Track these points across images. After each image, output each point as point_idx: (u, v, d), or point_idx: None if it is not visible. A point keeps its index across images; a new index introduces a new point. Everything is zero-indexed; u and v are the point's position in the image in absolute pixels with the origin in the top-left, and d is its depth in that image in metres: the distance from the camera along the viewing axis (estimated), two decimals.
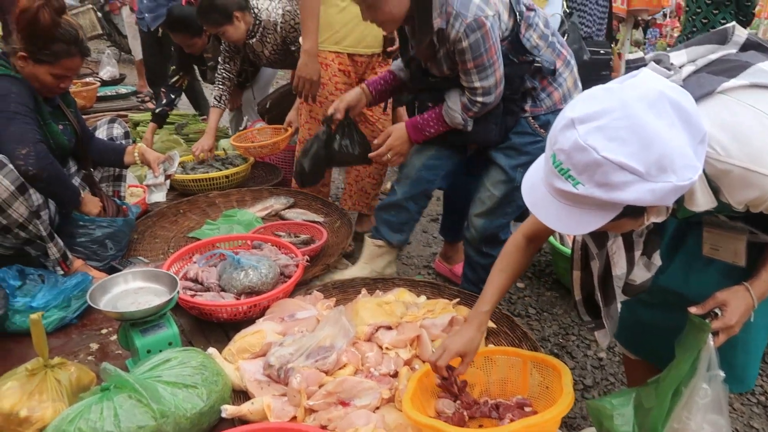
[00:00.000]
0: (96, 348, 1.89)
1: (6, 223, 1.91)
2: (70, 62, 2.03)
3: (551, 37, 1.97)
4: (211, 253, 2.17)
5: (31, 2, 1.91)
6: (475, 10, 1.76)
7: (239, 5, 2.92)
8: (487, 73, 1.85)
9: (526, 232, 1.47)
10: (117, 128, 2.59)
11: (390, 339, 1.72)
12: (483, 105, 1.94)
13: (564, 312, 2.67)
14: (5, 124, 1.89)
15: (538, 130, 2.00)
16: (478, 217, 2.18)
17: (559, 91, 1.99)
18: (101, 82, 6.08)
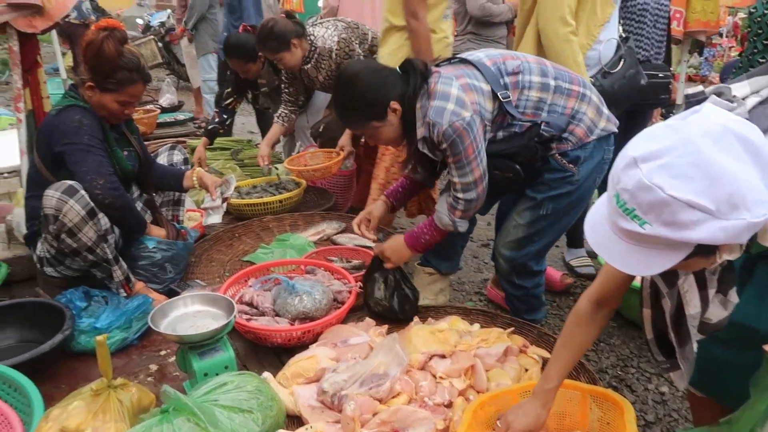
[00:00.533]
0: (155, 369, 1.94)
1: (76, 246, 2.00)
2: (133, 89, 2.13)
3: (554, 82, 1.93)
4: (266, 278, 2.21)
5: (96, 34, 2.02)
6: (449, 117, 1.78)
7: (297, 33, 3.02)
8: (465, 170, 1.87)
9: (592, 296, 1.37)
10: (177, 155, 2.69)
11: (444, 368, 1.70)
12: (466, 202, 1.94)
13: (622, 343, 2.58)
14: (82, 156, 2.01)
15: (567, 165, 1.97)
16: (504, 247, 2.16)
17: (581, 126, 1.94)
18: (161, 108, 6.33)
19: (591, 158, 1.97)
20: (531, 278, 2.18)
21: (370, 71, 1.91)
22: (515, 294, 2.23)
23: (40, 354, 1.77)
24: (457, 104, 1.79)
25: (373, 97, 1.87)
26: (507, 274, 2.19)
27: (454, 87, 1.81)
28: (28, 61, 2.51)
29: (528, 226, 2.07)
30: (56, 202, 1.94)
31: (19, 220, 2.53)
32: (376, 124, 1.91)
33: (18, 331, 2.04)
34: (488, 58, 1.93)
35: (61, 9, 2.41)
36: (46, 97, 2.66)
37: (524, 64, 1.92)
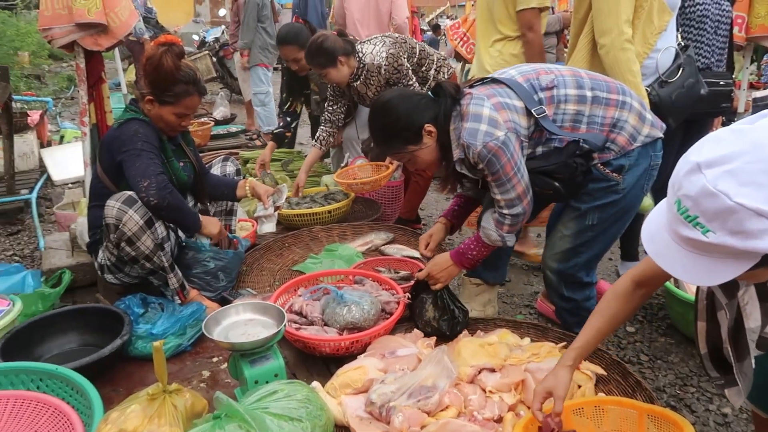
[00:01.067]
0: (207, 375, 1.99)
1: (135, 254, 2.08)
2: (190, 101, 2.21)
3: (590, 93, 1.89)
4: (316, 288, 2.23)
5: (156, 50, 2.11)
6: (482, 138, 1.78)
7: (345, 51, 3.06)
8: (506, 187, 1.86)
9: (635, 276, 1.39)
10: (230, 166, 2.76)
11: (494, 382, 1.67)
12: (512, 217, 1.93)
13: (681, 360, 2.48)
14: (133, 161, 2.08)
15: (611, 174, 1.93)
16: (551, 259, 2.12)
17: (622, 134, 1.90)
18: (215, 121, 6.52)
19: (636, 166, 1.93)
20: (581, 290, 2.13)
21: (402, 97, 1.94)
22: (565, 307, 2.18)
23: (100, 358, 1.84)
24: (489, 125, 1.78)
25: (406, 121, 1.89)
26: (555, 287, 2.15)
27: (486, 107, 1.81)
28: (93, 77, 2.64)
29: (574, 237, 2.04)
30: (116, 211, 2.02)
31: (82, 228, 2.65)
32: (412, 148, 1.92)
33: (80, 336, 2.13)
34: (521, 74, 1.92)
35: (125, 28, 2.53)
36: (109, 111, 2.79)
37: (558, 78, 1.89)
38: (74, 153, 4.84)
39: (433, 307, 2.08)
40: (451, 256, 2.10)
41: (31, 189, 4.36)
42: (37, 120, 5.32)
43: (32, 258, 3.55)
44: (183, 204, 2.21)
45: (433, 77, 3.33)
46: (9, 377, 1.73)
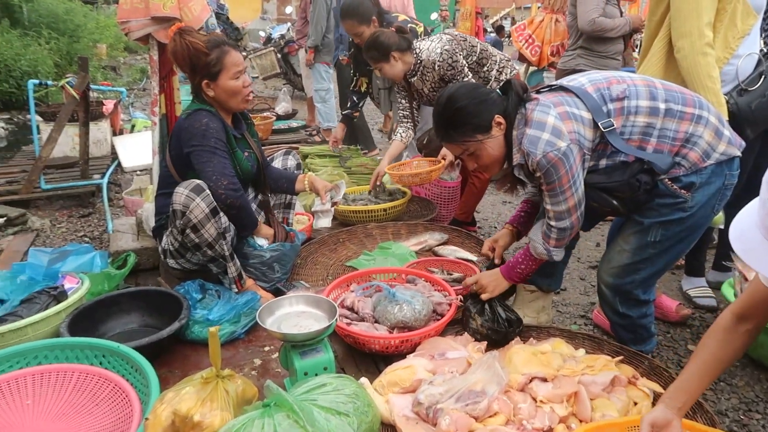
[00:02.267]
0: (259, 364, 2.03)
1: (198, 241, 2.15)
2: (231, 57, 2.22)
3: (664, 105, 1.79)
4: (368, 284, 2.24)
5: (173, 42, 2.17)
6: (543, 147, 1.73)
7: (399, 46, 3.07)
8: (559, 199, 1.82)
9: (736, 309, 1.27)
10: (291, 160, 2.81)
11: (545, 392, 1.63)
12: (559, 230, 1.89)
13: (746, 384, 2.35)
14: (209, 157, 2.16)
15: (679, 191, 1.83)
16: (607, 273, 2.04)
17: (695, 150, 1.79)
18: (276, 116, 6.66)
19: (708, 184, 1.82)
20: (637, 308, 2.04)
21: (471, 87, 1.91)
22: (620, 323, 2.10)
23: (159, 339, 1.91)
24: (552, 134, 1.73)
25: (478, 108, 1.85)
26: (610, 302, 2.07)
27: (551, 115, 1.75)
28: (165, 69, 2.74)
29: (634, 253, 1.95)
30: (184, 198, 2.09)
31: (148, 214, 2.76)
32: (480, 137, 1.87)
33: (140, 316, 2.21)
34: (591, 83, 1.85)
35: (197, 22, 2.61)
36: (178, 102, 2.89)
37: (631, 89, 1.81)
38: (144, 141, 5.06)
39: (479, 315, 2.05)
40: (501, 270, 2.10)
41: (102, 174, 4.59)
42: (111, 109, 5.59)
43: (101, 240, 3.72)
44: (249, 207, 2.33)
45: (495, 78, 3.29)
46: (75, 351, 1.82)
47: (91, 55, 11.38)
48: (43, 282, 2.17)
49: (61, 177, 4.55)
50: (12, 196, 4.12)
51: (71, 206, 4.31)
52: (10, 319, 1.93)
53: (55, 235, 3.81)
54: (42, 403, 1.66)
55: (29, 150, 5.40)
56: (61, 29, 10.44)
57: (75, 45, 10.44)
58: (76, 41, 10.67)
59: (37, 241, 3.67)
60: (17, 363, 1.77)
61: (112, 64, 12.30)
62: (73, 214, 4.21)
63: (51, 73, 8.64)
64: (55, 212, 4.21)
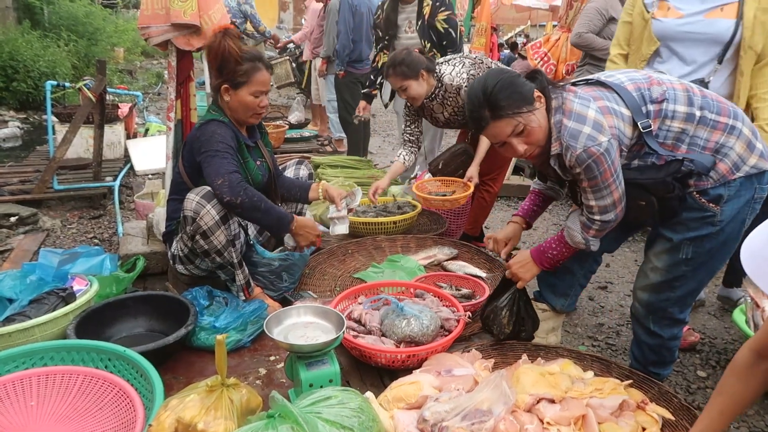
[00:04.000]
0: (264, 373, 2.02)
1: (207, 248, 2.15)
2: (260, 76, 2.24)
3: (699, 113, 1.76)
4: (376, 297, 2.23)
5: (214, 38, 2.18)
6: (584, 141, 1.69)
7: (427, 67, 3.07)
8: (603, 194, 1.78)
9: (755, 345, 1.23)
10: (303, 169, 2.81)
11: (553, 413, 1.60)
12: (603, 223, 1.85)
13: (756, 413, 2.31)
14: (210, 161, 2.14)
15: (707, 204, 1.80)
16: (642, 290, 2.02)
17: (725, 161, 1.76)
18: (289, 125, 6.69)
19: (737, 197, 1.79)
20: (669, 327, 2.01)
21: (499, 71, 1.84)
22: (648, 342, 2.05)
23: (165, 345, 1.90)
24: (594, 128, 1.69)
25: (515, 84, 1.76)
26: (642, 319, 2.04)
27: (592, 109, 1.71)
28: (182, 75, 2.76)
29: (666, 271, 1.92)
30: (195, 205, 2.09)
31: (158, 218, 2.77)
32: (527, 108, 1.74)
33: (147, 321, 2.21)
34: (631, 82, 1.81)
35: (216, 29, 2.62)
36: (194, 108, 2.90)
37: (670, 92, 1.78)
38: (157, 146, 5.10)
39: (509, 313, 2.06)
40: (531, 253, 2.05)
41: (115, 177, 4.63)
42: (126, 112, 5.64)
43: (110, 242, 3.74)
44: (261, 203, 2.16)
45: None
46: (81, 354, 1.82)
47: (109, 58, 11.52)
48: (53, 283, 2.17)
49: (73, 178, 4.59)
50: (24, 195, 4.16)
51: (82, 207, 4.34)
52: (18, 318, 1.94)
53: (65, 235, 3.84)
54: (46, 404, 1.66)
55: (44, 150, 5.46)
56: (81, 32, 10.60)
57: (93, 48, 10.59)
58: (94, 44, 10.82)
59: (47, 241, 3.69)
60: (23, 363, 1.77)
61: (128, 68, 12.46)
62: (84, 215, 4.23)
63: (69, 75, 8.76)
64: (66, 213, 4.24)
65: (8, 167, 4.99)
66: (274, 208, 2.24)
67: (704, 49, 2.42)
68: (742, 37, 2.36)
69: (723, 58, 2.40)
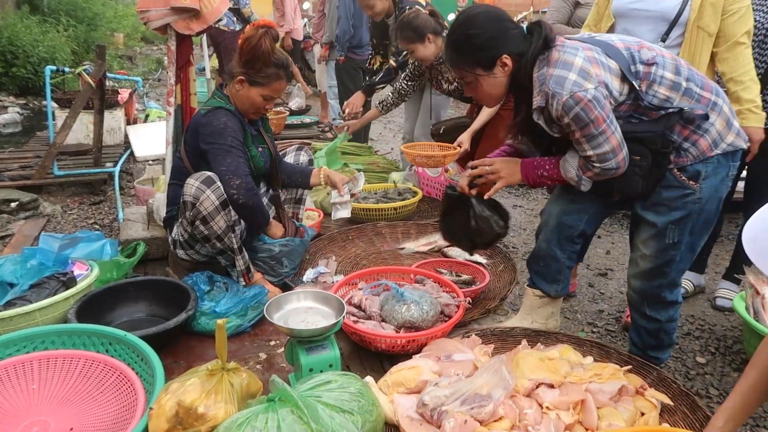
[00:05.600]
0: (264, 358, 2.02)
1: (207, 233, 2.15)
2: (278, 84, 2.26)
3: (685, 83, 1.75)
4: (377, 283, 2.23)
5: (255, 32, 2.16)
6: (570, 87, 1.64)
7: (434, 30, 3.09)
8: (599, 140, 1.72)
9: None
10: (303, 155, 2.80)
11: (552, 398, 1.61)
12: (603, 170, 1.79)
13: None
14: (224, 156, 2.16)
15: (687, 182, 1.80)
16: (634, 278, 2.02)
17: (705, 137, 1.77)
18: (290, 111, 6.66)
19: (714, 175, 1.80)
20: (665, 310, 2.02)
21: (494, 17, 1.78)
22: (646, 327, 2.07)
23: (166, 329, 1.91)
24: (579, 75, 1.66)
25: (484, 42, 1.74)
26: (638, 305, 2.05)
27: (579, 57, 1.68)
28: (182, 59, 2.74)
29: (656, 257, 1.93)
30: (195, 190, 2.09)
31: (159, 204, 2.76)
32: (480, 72, 1.78)
33: (148, 306, 2.22)
34: (621, 41, 1.80)
35: (215, 14, 2.61)
36: (194, 93, 2.89)
37: (659, 58, 1.77)
38: (157, 131, 5.08)
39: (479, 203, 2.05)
40: (522, 164, 1.99)
41: (115, 163, 4.61)
42: (126, 98, 5.61)
43: (111, 228, 3.74)
44: (263, 206, 2.31)
45: None
46: (82, 338, 1.83)
47: (109, 43, 11.46)
48: (53, 267, 2.17)
49: (74, 164, 4.58)
50: (25, 181, 4.15)
51: (83, 193, 4.34)
52: (18, 303, 1.94)
53: (65, 221, 3.84)
54: (47, 388, 1.67)
55: (44, 136, 5.44)
56: (80, 17, 10.53)
57: (93, 33, 10.53)
58: (93, 29, 10.75)
59: (47, 226, 3.69)
60: (24, 347, 1.78)
61: (128, 53, 12.39)
62: (84, 201, 4.23)
63: (68, 60, 8.71)
64: (66, 199, 4.23)
65: (8, 153, 4.98)
66: (265, 211, 2.36)
67: (651, 27, 2.43)
68: (688, 18, 2.36)
69: (667, 36, 2.41)
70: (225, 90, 2.31)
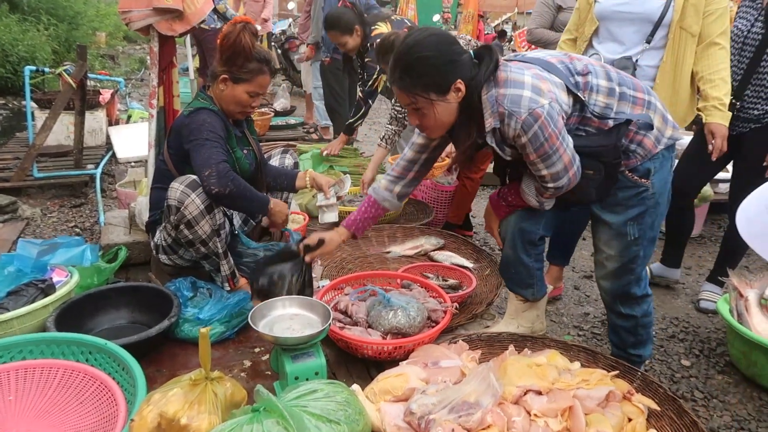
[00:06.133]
0: (248, 365, 1.99)
1: (192, 237, 2.11)
2: (262, 79, 2.23)
3: (618, 88, 1.79)
4: (363, 288, 2.21)
5: (233, 27, 2.14)
6: (528, 104, 1.64)
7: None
8: (552, 160, 1.72)
9: None
10: (288, 158, 2.77)
11: (540, 405, 1.60)
12: (556, 189, 1.82)
13: (739, 402, 2.33)
14: (198, 151, 2.10)
15: (640, 180, 1.86)
16: (603, 279, 2.07)
17: (648, 136, 1.81)
18: (274, 112, 6.61)
19: (662, 168, 1.87)
20: (638, 305, 2.06)
21: (445, 40, 1.70)
22: (623, 325, 2.10)
23: (148, 337, 1.87)
24: (533, 91, 1.65)
25: (440, 66, 1.66)
26: (612, 305, 2.10)
27: (527, 75, 1.69)
28: (164, 61, 2.69)
29: (621, 255, 1.97)
30: (179, 194, 2.05)
31: (141, 208, 2.71)
32: (434, 97, 1.69)
33: (130, 312, 2.17)
34: (551, 56, 1.82)
35: (199, 14, 2.57)
36: (177, 95, 2.84)
37: (590, 66, 1.80)
38: (139, 133, 5.01)
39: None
40: (490, 201, 2.10)
41: (96, 164, 4.54)
42: (108, 98, 5.52)
43: (92, 231, 3.67)
44: (247, 191, 2.17)
45: None
46: (61, 347, 1.78)
47: (90, 43, 11.30)
48: (32, 274, 2.12)
49: (54, 165, 4.50)
50: (3, 183, 4.07)
51: (63, 196, 4.26)
52: None
53: (45, 224, 3.76)
54: (25, 399, 1.62)
55: (23, 137, 5.34)
56: (61, 16, 10.37)
57: (74, 32, 10.38)
58: (75, 28, 10.60)
59: (27, 230, 3.62)
60: (1, 357, 1.73)
61: (110, 53, 12.22)
62: (64, 204, 4.15)
63: (49, 60, 8.57)
64: (46, 201, 4.15)
65: None
66: (257, 194, 2.25)
67: (636, 28, 2.48)
68: (671, 19, 2.41)
69: (652, 38, 2.45)
70: (209, 91, 2.28)
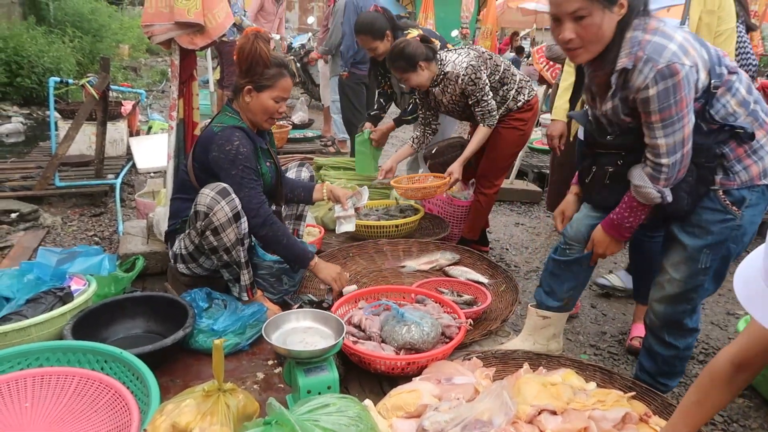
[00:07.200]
0: (261, 378, 1.99)
1: (216, 245, 2.13)
2: (284, 82, 2.26)
3: (753, 105, 1.72)
4: (377, 303, 2.20)
5: (247, 38, 2.18)
6: (669, 56, 1.56)
7: (426, 56, 3.07)
8: (675, 128, 1.63)
9: (734, 358, 1.22)
10: (305, 171, 2.79)
11: (554, 425, 1.58)
12: (670, 167, 1.70)
13: (759, 426, 2.28)
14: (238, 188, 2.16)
15: (730, 207, 1.76)
16: (659, 302, 1.97)
17: (758, 165, 1.73)
18: (292, 125, 6.67)
19: (756, 205, 1.76)
20: (684, 338, 1.99)
21: None
22: (663, 354, 2.02)
23: (162, 347, 1.88)
24: (680, 48, 1.58)
25: None
26: (657, 330, 2.01)
27: (679, 34, 1.62)
28: (185, 74, 2.73)
29: (685, 282, 1.88)
30: (210, 200, 2.07)
31: (159, 218, 2.74)
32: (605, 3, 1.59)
33: (145, 322, 2.19)
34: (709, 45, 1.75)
35: (220, 29, 2.60)
36: (196, 107, 2.88)
37: (740, 71, 1.74)
38: (160, 144, 5.08)
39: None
40: (606, 231, 1.94)
41: (117, 174, 4.61)
42: (129, 110, 5.62)
43: (110, 240, 3.72)
44: (285, 238, 2.26)
45: (513, 98, 3.26)
46: (77, 355, 1.80)
47: (113, 55, 11.53)
48: (50, 282, 2.15)
49: (75, 175, 4.58)
50: (26, 191, 4.14)
51: (83, 205, 4.32)
52: (14, 318, 1.92)
53: (65, 233, 3.82)
54: (40, 406, 1.64)
55: (46, 146, 5.44)
56: (86, 28, 10.60)
57: (98, 44, 10.59)
58: (99, 41, 10.82)
59: (47, 238, 3.67)
60: (18, 364, 1.75)
61: (133, 65, 12.45)
62: (84, 213, 4.21)
63: (73, 71, 8.75)
64: (67, 210, 4.22)
65: (10, 163, 4.97)
66: (297, 245, 2.31)
67: None
68: None
69: None
70: (234, 105, 2.30)
